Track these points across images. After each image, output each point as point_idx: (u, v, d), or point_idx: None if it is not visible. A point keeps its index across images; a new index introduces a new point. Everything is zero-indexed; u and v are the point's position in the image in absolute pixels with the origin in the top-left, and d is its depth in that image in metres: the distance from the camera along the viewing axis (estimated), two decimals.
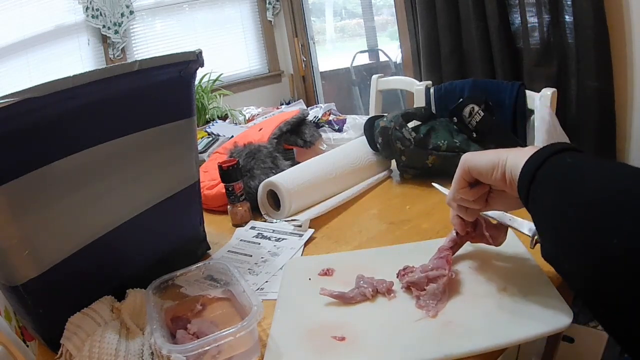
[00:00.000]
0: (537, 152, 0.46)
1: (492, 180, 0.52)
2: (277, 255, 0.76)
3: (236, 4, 3.02)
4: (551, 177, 0.44)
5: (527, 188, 0.46)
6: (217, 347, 0.49)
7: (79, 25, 2.45)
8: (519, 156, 0.48)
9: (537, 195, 0.45)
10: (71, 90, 0.50)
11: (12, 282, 0.53)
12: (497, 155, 0.51)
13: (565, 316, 0.48)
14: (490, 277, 0.59)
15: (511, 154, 0.50)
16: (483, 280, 0.59)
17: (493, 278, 0.59)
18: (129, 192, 0.63)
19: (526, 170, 0.46)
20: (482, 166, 0.52)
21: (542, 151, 0.46)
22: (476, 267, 0.62)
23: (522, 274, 0.58)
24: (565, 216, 0.41)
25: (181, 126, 0.68)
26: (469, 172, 0.55)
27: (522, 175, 0.46)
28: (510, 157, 0.49)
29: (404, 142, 0.92)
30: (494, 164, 0.51)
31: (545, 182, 0.44)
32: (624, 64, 1.52)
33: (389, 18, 3.20)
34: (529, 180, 0.45)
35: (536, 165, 0.45)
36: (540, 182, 0.44)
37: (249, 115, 2.16)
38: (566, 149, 0.45)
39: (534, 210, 0.46)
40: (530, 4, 1.67)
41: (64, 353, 0.54)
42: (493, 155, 0.52)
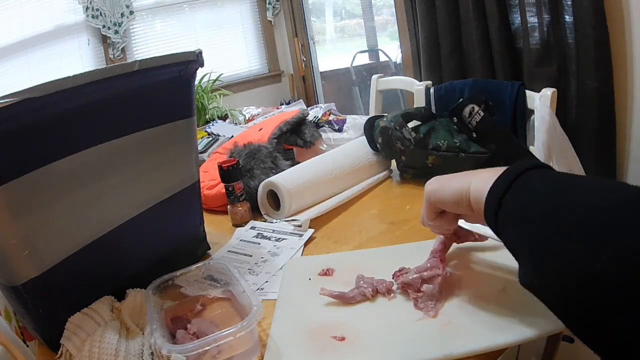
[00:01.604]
0: (500, 177, 0.44)
1: (459, 211, 0.51)
2: (277, 255, 0.76)
3: (236, 4, 3.02)
4: (517, 202, 0.42)
5: (495, 217, 0.44)
6: (217, 347, 0.49)
7: (79, 25, 2.45)
8: (481, 183, 0.46)
9: (506, 224, 0.43)
10: (71, 90, 0.50)
11: (12, 282, 0.53)
12: (460, 185, 0.50)
13: None
14: (490, 277, 0.59)
15: (474, 180, 0.48)
16: (483, 281, 0.59)
17: (492, 278, 0.59)
18: (129, 192, 0.63)
19: (491, 199, 0.44)
20: (447, 199, 0.51)
21: (505, 175, 0.44)
22: (475, 268, 0.62)
23: None
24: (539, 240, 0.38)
25: (181, 126, 0.68)
26: (435, 205, 0.54)
27: (488, 204, 0.45)
28: (473, 184, 0.48)
29: (404, 142, 0.92)
30: (459, 195, 0.49)
31: (513, 208, 0.42)
32: (624, 64, 1.52)
33: (389, 18, 3.20)
34: (495, 209, 0.43)
35: (500, 192, 0.43)
36: (507, 209, 0.42)
37: (249, 115, 2.16)
38: (529, 168, 0.43)
39: (505, 238, 0.44)
40: (530, 4, 1.67)
41: (64, 353, 0.54)
42: (456, 185, 0.50)
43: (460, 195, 0.49)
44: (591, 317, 0.33)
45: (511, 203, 0.42)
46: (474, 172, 0.50)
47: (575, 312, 0.35)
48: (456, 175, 0.52)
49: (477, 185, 0.47)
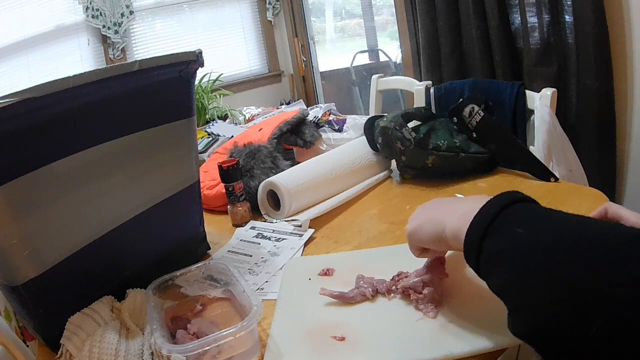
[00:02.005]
0: (476, 219, 0.43)
1: (442, 249, 0.51)
2: (277, 255, 0.76)
3: (236, 4, 3.02)
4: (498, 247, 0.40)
5: (476, 262, 0.43)
6: (217, 347, 0.49)
7: (79, 25, 2.45)
8: (457, 223, 0.45)
9: (489, 269, 0.42)
10: (71, 90, 0.50)
11: (12, 282, 0.53)
12: (435, 226, 0.49)
13: None
14: None
15: (449, 221, 0.47)
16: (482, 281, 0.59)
17: None
18: (129, 192, 0.63)
19: (469, 244, 0.43)
20: (426, 241, 0.52)
21: (481, 217, 0.43)
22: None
23: None
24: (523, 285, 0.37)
25: (181, 126, 0.68)
26: (417, 245, 0.55)
27: (467, 251, 0.44)
28: (448, 226, 0.47)
29: (404, 142, 0.92)
30: (436, 237, 0.49)
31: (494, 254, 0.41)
32: (624, 64, 1.52)
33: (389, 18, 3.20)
34: (476, 255, 0.42)
35: (479, 236, 0.42)
36: (488, 254, 0.41)
37: (249, 115, 2.16)
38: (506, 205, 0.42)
39: (490, 283, 0.42)
40: (530, 4, 1.66)
41: (64, 353, 0.54)
42: (432, 227, 0.50)
43: (438, 237, 0.49)
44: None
45: (491, 248, 0.41)
46: (448, 208, 0.49)
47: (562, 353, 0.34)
48: (431, 213, 0.51)
49: (453, 226, 0.46)
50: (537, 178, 0.90)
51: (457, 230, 0.45)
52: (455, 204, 0.49)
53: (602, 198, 0.79)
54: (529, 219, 0.40)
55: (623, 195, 1.64)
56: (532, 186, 0.88)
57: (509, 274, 0.39)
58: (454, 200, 0.52)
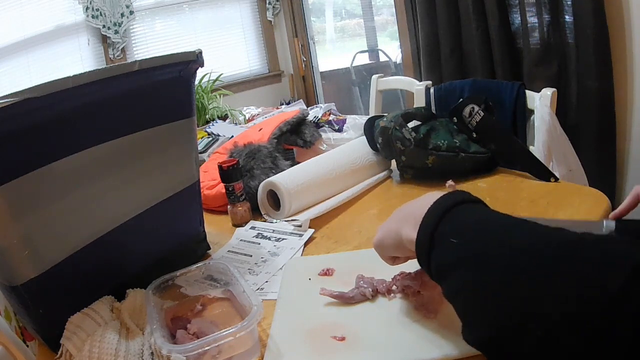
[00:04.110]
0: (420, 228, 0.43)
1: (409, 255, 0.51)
2: (277, 255, 0.76)
3: (236, 4, 3.02)
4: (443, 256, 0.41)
5: (429, 271, 0.44)
6: (217, 347, 0.49)
7: (79, 25, 2.45)
8: (410, 231, 0.46)
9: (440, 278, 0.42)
10: (71, 90, 0.50)
11: (12, 282, 0.53)
12: (393, 236, 0.50)
13: None
14: None
15: (404, 231, 0.47)
16: None
17: None
18: (129, 192, 0.63)
19: (419, 254, 0.44)
20: (392, 251, 0.52)
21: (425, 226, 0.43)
22: None
23: None
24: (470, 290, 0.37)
25: (181, 126, 0.68)
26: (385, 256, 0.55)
27: (419, 260, 0.45)
28: (404, 235, 0.47)
29: (404, 142, 0.92)
30: (397, 246, 0.49)
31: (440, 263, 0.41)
32: (624, 64, 1.52)
33: (389, 18, 3.20)
34: (427, 264, 0.43)
35: (426, 247, 0.42)
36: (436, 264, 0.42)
37: (249, 115, 2.16)
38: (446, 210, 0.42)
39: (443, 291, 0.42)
40: (530, 4, 1.67)
41: (64, 353, 0.54)
42: (391, 237, 0.50)
43: (399, 246, 0.49)
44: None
45: (436, 259, 0.42)
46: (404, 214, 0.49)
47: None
48: (392, 223, 0.51)
49: (407, 233, 0.46)
50: (537, 178, 0.90)
51: (411, 239, 0.45)
52: (410, 209, 0.49)
53: (602, 198, 0.79)
54: (463, 228, 0.41)
55: (623, 196, 1.64)
56: (532, 186, 0.88)
57: (451, 288, 0.40)
58: (410, 204, 0.51)
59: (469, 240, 0.39)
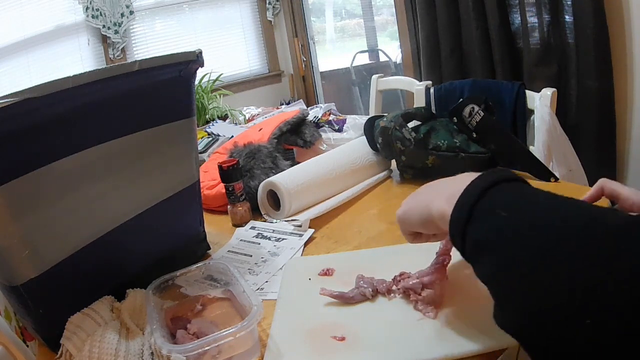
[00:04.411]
0: (459, 202, 0.41)
1: (433, 232, 0.49)
2: (277, 255, 0.76)
3: (236, 4, 3.02)
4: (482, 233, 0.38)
5: (462, 248, 0.41)
6: (217, 347, 0.49)
7: (79, 25, 2.45)
8: (443, 205, 0.43)
9: (474, 255, 0.40)
10: (71, 90, 0.50)
11: (12, 282, 0.53)
12: (421, 209, 0.48)
13: None
14: None
15: (434, 203, 0.45)
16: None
17: None
18: (129, 192, 0.63)
19: (454, 229, 0.41)
20: (416, 225, 0.50)
21: (464, 200, 0.40)
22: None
23: None
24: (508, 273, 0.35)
25: (181, 126, 0.68)
26: (408, 230, 0.53)
27: (452, 236, 0.42)
28: (435, 209, 0.45)
29: (404, 142, 0.92)
30: (424, 220, 0.48)
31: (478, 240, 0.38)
32: (624, 64, 1.52)
33: (389, 18, 3.20)
34: (461, 241, 0.40)
35: (463, 222, 0.40)
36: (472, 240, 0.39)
37: (249, 115, 2.16)
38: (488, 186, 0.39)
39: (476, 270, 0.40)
40: (530, 4, 1.67)
41: (64, 353, 0.54)
42: (418, 210, 0.49)
43: (425, 219, 0.48)
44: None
45: (475, 234, 0.39)
46: (434, 189, 0.48)
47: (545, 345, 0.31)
48: (419, 197, 0.50)
49: (440, 208, 0.44)
50: (537, 178, 0.90)
51: (443, 211, 0.43)
52: (442, 185, 0.48)
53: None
54: (512, 202, 0.38)
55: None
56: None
57: (491, 265, 0.37)
58: (442, 180, 0.50)
59: (513, 217, 0.36)
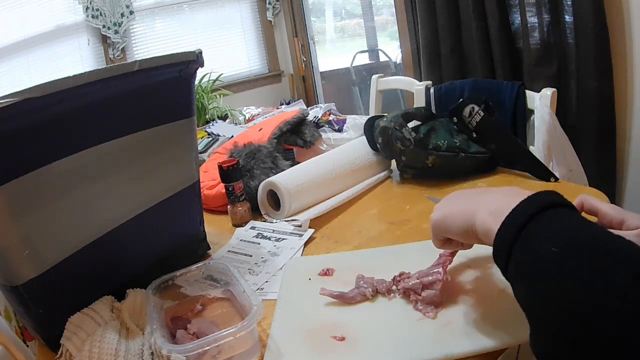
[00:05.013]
0: (509, 219, 0.40)
1: (468, 242, 0.49)
2: (277, 255, 0.76)
3: (236, 4, 3.02)
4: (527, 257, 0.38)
5: (505, 266, 0.40)
6: (217, 347, 0.49)
7: (79, 25, 2.45)
8: (489, 218, 0.43)
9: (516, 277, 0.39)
10: (71, 90, 0.50)
11: (12, 282, 0.53)
12: (465, 218, 0.47)
13: None
14: (490, 277, 0.59)
15: (480, 214, 0.45)
16: (482, 281, 0.59)
17: (493, 278, 0.59)
18: (129, 192, 0.63)
19: (499, 246, 0.41)
20: (453, 232, 0.49)
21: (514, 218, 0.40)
22: (476, 268, 0.62)
23: None
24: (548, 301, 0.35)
25: (181, 126, 0.68)
26: (442, 235, 0.52)
27: (496, 251, 0.41)
28: (479, 220, 0.45)
29: (404, 142, 0.92)
30: (465, 229, 0.47)
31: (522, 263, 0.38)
32: (624, 64, 1.52)
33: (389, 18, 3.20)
34: (505, 259, 0.40)
35: (510, 240, 0.39)
36: (517, 262, 0.39)
37: (249, 115, 2.16)
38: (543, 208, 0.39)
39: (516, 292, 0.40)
40: (530, 4, 1.66)
41: (64, 353, 0.54)
42: (461, 218, 0.47)
43: (466, 230, 0.47)
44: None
45: (519, 257, 0.38)
46: (478, 200, 0.47)
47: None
48: (460, 204, 0.49)
49: (484, 221, 0.44)
50: (537, 178, 0.90)
51: (489, 227, 0.43)
52: (486, 196, 0.47)
53: (602, 198, 0.79)
54: (559, 231, 0.37)
55: (623, 195, 1.64)
56: (532, 186, 0.88)
57: (531, 291, 0.37)
58: (483, 191, 0.49)
59: (558, 246, 0.36)
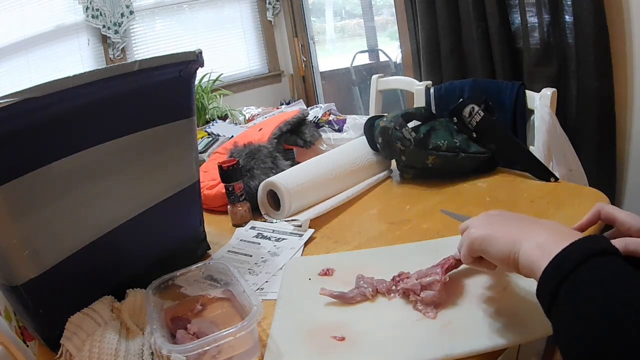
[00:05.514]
0: (558, 260, 0.40)
1: (504, 268, 0.48)
2: (277, 255, 0.76)
3: (236, 4, 3.02)
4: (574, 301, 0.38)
5: (548, 305, 0.40)
6: (217, 347, 0.49)
7: (79, 25, 2.45)
8: (535, 251, 0.42)
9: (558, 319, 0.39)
10: (71, 90, 0.50)
11: (12, 282, 0.53)
12: (509, 244, 0.46)
13: None
14: (491, 277, 0.59)
15: (525, 244, 0.44)
16: (483, 281, 0.59)
17: (493, 279, 0.59)
18: (129, 192, 0.63)
19: (545, 284, 0.40)
20: (493, 255, 0.48)
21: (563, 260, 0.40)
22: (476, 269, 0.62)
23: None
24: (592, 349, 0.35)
25: (181, 126, 0.68)
26: (477, 253, 0.50)
27: (541, 288, 0.41)
28: (524, 250, 0.44)
29: (404, 142, 0.92)
30: (506, 255, 0.46)
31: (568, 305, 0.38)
32: (624, 64, 1.52)
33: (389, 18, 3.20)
34: (549, 299, 0.39)
35: (557, 280, 0.39)
36: (562, 303, 0.38)
37: (249, 115, 2.16)
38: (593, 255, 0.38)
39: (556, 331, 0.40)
40: (530, 4, 1.66)
41: (64, 353, 0.54)
42: (505, 242, 0.46)
43: (507, 256, 0.46)
44: None
45: (567, 301, 0.38)
46: (524, 229, 0.46)
47: None
48: (504, 228, 0.48)
49: (530, 254, 0.43)
50: (537, 178, 0.90)
51: (534, 261, 0.42)
52: (533, 227, 0.46)
53: (602, 198, 0.79)
54: (609, 281, 0.37)
55: (623, 195, 1.64)
56: (532, 186, 0.88)
57: (575, 338, 0.37)
58: (529, 220, 0.48)
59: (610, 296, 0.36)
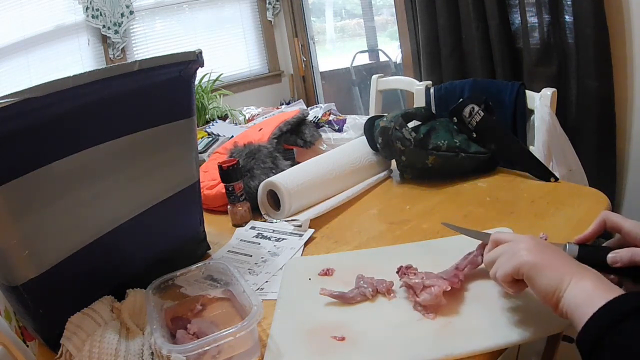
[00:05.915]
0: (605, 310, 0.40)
1: (542, 300, 0.47)
2: (277, 255, 0.76)
3: (236, 4, 3.02)
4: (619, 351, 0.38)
5: (588, 352, 0.40)
6: (217, 347, 0.49)
7: (79, 25, 2.45)
8: (581, 294, 0.42)
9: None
10: (71, 90, 0.50)
11: (12, 282, 0.53)
12: (556, 281, 0.45)
13: None
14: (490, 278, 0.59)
15: (573, 285, 0.44)
16: (483, 281, 0.59)
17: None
18: (129, 192, 0.63)
19: (590, 330, 0.40)
20: (537, 285, 0.47)
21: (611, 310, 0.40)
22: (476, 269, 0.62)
23: None
24: None
25: (181, 126, 0.68)
26: (520, 276, 0.49)
27: (584, 334, 0.41)
28: (571, 291, 0.43)
29: (404, 142, 0.92)
30: (551, 291, 0.45)
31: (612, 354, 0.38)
32: (624, 64, 1.52)
33: (389, 18, 3.20)
34: (591, 345, 0.40)
35: (603, 329, 0.39)
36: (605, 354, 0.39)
37: (249, 115, 2.16)
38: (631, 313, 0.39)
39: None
40: (530, 4, 1.66)
41: (64, 353, 0.54)
42: (552, 278, 0.45)
43: (552, 293, 0.45)
44: None
45: (613, 348, 0.38)
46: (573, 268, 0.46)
47: None
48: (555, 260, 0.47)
49: (576, 294, 0.43)
50: (537, 178, 0.90)
51: (579, 305, 0.42)
52: (579, 269, 0.46)
53: (602, 198, 0.79)
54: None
55: (623, 196, 1.64)
56: (532, 186, 0.88)
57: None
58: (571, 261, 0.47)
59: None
